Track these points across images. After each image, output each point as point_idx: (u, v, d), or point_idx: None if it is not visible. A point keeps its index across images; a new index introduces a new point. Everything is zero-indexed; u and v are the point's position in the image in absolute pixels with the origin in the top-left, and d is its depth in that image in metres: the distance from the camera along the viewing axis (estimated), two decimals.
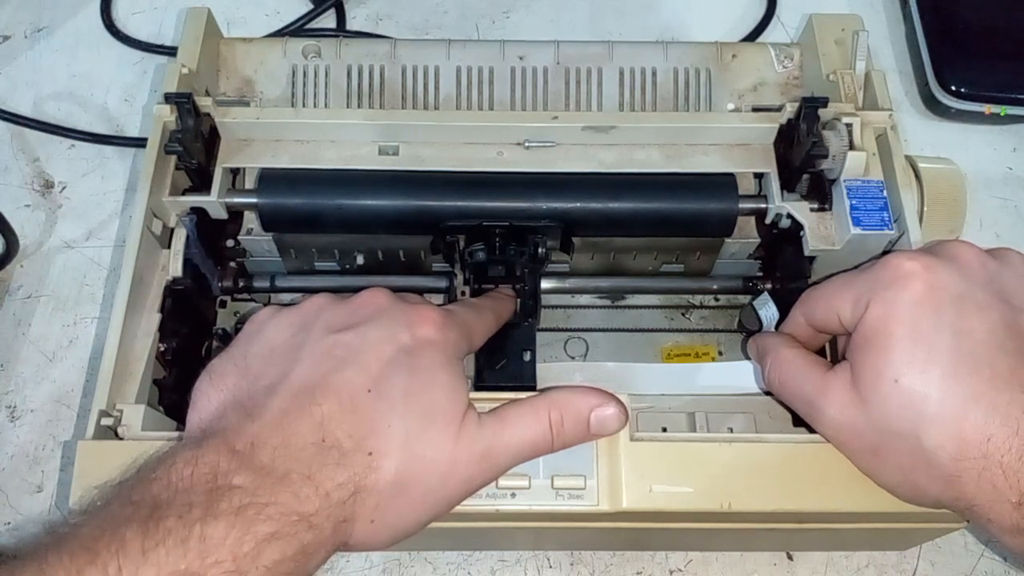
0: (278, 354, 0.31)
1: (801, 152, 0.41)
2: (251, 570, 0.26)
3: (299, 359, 0.31)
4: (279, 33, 0.60)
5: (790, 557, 0.44)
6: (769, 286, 0.46)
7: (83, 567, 0.25)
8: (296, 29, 0.61)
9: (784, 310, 0.41)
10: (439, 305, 0.35)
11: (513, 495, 0.33)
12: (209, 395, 0.31)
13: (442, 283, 0.46)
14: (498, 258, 0.41)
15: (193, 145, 0.41)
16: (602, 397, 0.33)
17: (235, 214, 0.44)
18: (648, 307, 0.49)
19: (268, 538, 0.26)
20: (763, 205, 0.43)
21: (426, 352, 0.31)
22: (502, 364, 0.39)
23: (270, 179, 0.43)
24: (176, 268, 0.41)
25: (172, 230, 0.42)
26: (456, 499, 0.31)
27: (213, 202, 0.42)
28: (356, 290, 0.34)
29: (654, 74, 0.48)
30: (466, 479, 0.31)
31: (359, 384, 0.30)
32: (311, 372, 0.30)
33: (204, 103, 0.42)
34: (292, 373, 0.30)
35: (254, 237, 0.44)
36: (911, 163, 0.43)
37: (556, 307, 0.49)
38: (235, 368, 0.32)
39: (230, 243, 0.45)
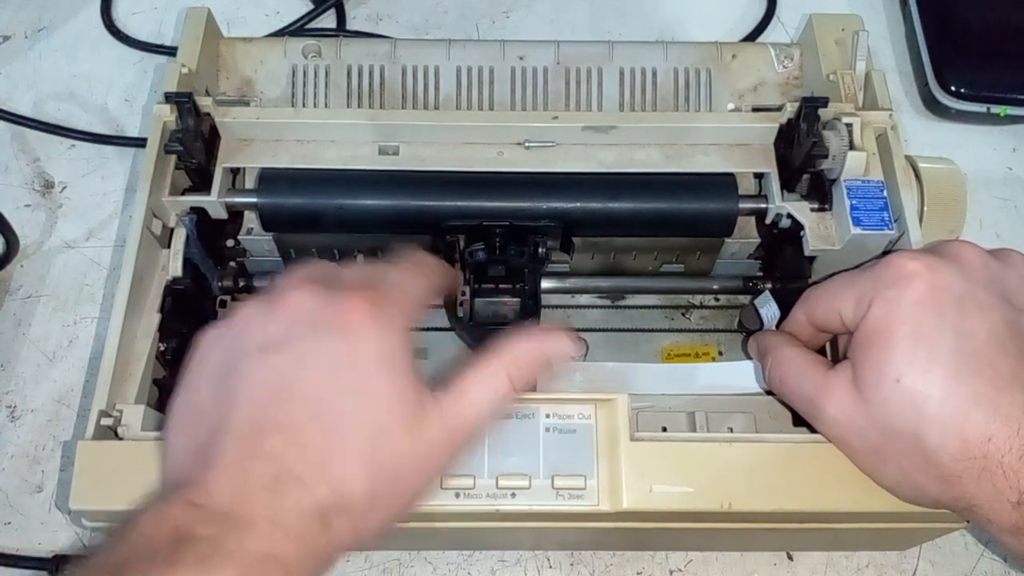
0: (220, 385, 0.30)
1: (801, 152, 0.41)
2: None
3: (238, 394, 0.29)
4: (279, 33, 0.60)
5: (790, 557, 0.44)
6: (769, 286, 0.46)
7: None
8: (296, 29, 0.61)
9: (784, 310, 0.41)
10: (363, 281, 0.32)
11: (513, 495, 0.33)
12: (174, 443, 0.30)
13: None
14: (498, 258, 0.41)
15: (193, 145, 0.41)
16: (550, 337, 0.32)
17: (235, 214, 0.44)
18: (648, 307, 0.49)
19: None
20: (763, 205, 0.42)
21: (363, 355, 0.30)
22: None
23: (270, 179, 0.43)
24: (176, 268, 0.41)
25: (172, 230, 0.42)
26: (434, 481, 0.31)
27: (213, 202, 0.42)
28: None
29: (654, 74, 0.47)
30: (438, 465, 0.30)
31: (303, 415, 0.29)
32: (253, 409, 0.29)
33: (204, 103, 0.42)
34: (236, 413, 0.29)
35: (254, 237, 0.44)
36: (911, 163, 0.43)
37: (556, 307, 0.49)
38: (188, 409, 0.31)
39: (230, 243, 0.45)
